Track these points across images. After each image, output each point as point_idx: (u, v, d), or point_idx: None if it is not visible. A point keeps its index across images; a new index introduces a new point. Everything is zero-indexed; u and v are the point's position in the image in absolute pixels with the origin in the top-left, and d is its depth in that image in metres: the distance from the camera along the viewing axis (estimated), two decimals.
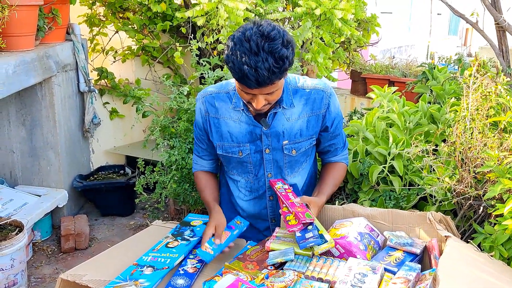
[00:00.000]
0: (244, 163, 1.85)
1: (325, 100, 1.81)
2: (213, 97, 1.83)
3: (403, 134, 2.10)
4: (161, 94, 3.42)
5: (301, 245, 1.52)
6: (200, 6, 3.06)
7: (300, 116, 1.80)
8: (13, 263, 2.81)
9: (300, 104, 1.79)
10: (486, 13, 2.98)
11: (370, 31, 4.64)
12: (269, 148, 1.81)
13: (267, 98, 1.63)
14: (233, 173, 1.92)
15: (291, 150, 1.81)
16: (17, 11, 2.92)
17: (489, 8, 2.88)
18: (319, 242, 1.52)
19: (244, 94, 1.63)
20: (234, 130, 1.81)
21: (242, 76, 1.52)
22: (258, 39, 1.49)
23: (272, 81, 1.54)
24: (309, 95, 1.80)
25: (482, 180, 1.70)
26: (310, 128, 1.82)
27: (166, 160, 2.73)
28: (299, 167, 1.89)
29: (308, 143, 1.84)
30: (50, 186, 3.74)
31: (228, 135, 1.82)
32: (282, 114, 1.78)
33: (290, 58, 1.55)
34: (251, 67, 1.49)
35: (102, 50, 4.48)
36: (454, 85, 2.49)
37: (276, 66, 1.51)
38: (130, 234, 3.76)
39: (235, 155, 1.84)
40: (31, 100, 3.56)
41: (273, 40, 1.50)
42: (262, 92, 1.59)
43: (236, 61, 1.51)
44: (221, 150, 1.85)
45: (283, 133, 1.79)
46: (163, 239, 1.73)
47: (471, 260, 1.43)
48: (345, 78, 5.10)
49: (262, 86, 1.55)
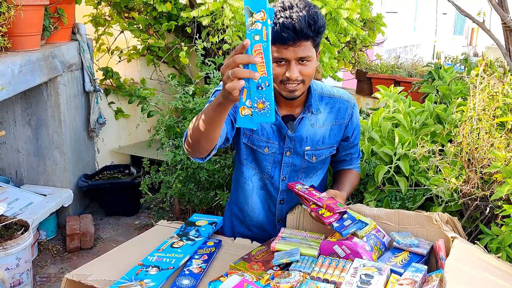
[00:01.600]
0: (264, 161, 1.82)
1: (349, 110, 1.82)
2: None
3: (409, 134, 2.09)
4: (166, 94, 3.43)
5: (343, 233, 1.51)
6: (206, 6, 3.06)
7: (324, 124, 1.80)
8: (19, 262, 2.82)
9: (325, 112, 1.79)
10: (493, 12, 2.96)
11: (376, 31, 4.62)
12: (290, 151, 1.80)
13: (301, 71, 1.60)
14: (251, 165, 1.86)
15: (311, 156, 1.81)
16: (23, 11, 2.93)
17: (496, 7, 2.86)
18: (360, 226, 1.55)
19: (277, 66, 1.60)
20: (266, 125, 1.78)
21: (279, 29, 1.52)
22: (291, 0, 1.56)
23: (308, 34, 1.54)
24: (334, 104, 1.80)
25: (489, 180, 1.69)
26: (332, 137, 1.82)
27: (171, 159, 2.73)
28: (314, 173, 1.88)
29: (328, 151, 1.84)
30: (56, 185, 3.75)
31: (259, 128, 1.78)
32: (307, 120, 1.77)
33: (322, 21, 1.58)
34: (286, 18, 1.51)
35: (107, 50, 4.49)
36: (460, 85, 2.48)
37: (311, 18, 1.53)
38: (135, 233, 3.77)
39: (260, 149, 1.80)
40: (37, 99, 3.58)
41: (304, 2, 1.56)
42: (296, 55, 1.56)
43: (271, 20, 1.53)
44: (247, 139, 1.80)
45: (306, 138, 1.78)
46: (168, 239, 1.73)
47: (478, 261, 1.42)
48: (350, 78, 5.09)
49: (299, 39, 1.53)
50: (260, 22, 1.19)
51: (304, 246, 1.59)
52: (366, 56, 5.04)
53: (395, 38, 9.37)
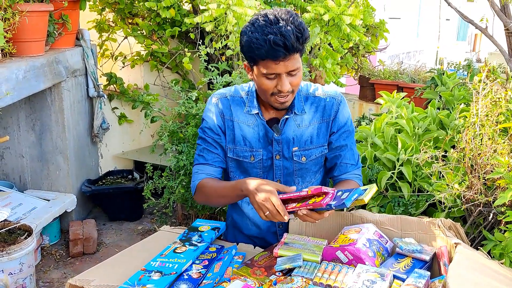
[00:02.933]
0: (254, 169, 1.83)
1: (335, 107, 1.80)
2: (228, 100, 1.81)
3: (412, 140, 2.09)
4: (170, 100, 3.43)
5: (346, 201, 1.41)
6: (209, 12, 3.07)
7: (311, 123, 1.79)
8: (22, 267, 2.83)
9: (311, 111, 1.79)
10: (495, 18, 2.97)
11: (379, 37, 4.64)
12: (279, 154, 1.80)
13: (291, 82, 1.62)
14: (240, 178, 1.86)
15: (300, 157, 1.80)
16: (28, 17, 2.95)
17: (499, 13, 2.87)
18: (361, 192, 1.43)
19: (268, 81, 1.62)
20: (248, 134, 1.79)
21: (270, 46, 1.52)
22: (274, 13, 1.56)
23: (298, 48, 1.56)
24: (320, 102, 1.79)
25: (492, 186, 1.69)
26: (321, 136, 1.81)
27: (174, 165, 2.73)
28: (311, 177, 1.86)
29: (319, 151, 1.82)
30: (59, 190, 3.76)
31: (241, 139, 1.80)
32: (293, 121, 1.77)
33: (307, 32, 1.59)
34: (276, 34, 1.51)
35: (111, 56, 4.51)
36: (463, 91, 2.49)
37: (298, 32, 1.54)
38: (138, 238, 3.77)
39: (246, 159, 1.82)
40: (41, 105, 3.59)
41: (287, 13, 1.57)
42: (287, 69, 1.58)
43: (258, 36, 1.54)
44: (232, 153, 1.83)
45: (293, 139, 1.78)
46: (171, 244, 1.73)
47: (481, 267, 1.41)
48: (353, 83, 5.10)
49: (290, 54, 1.55)
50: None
51: (307, 252, 1.59)
52: (369, 61, 5.05)
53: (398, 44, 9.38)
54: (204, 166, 1.83)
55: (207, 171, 1.82)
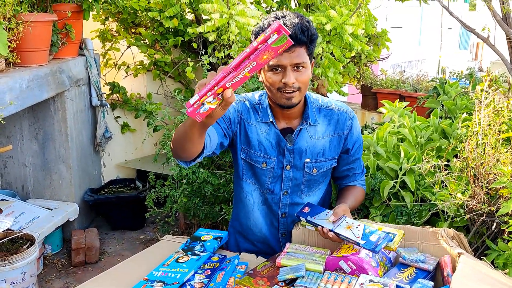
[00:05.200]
0: (263, 176, 1.83)
1: (348, 122, 1.82)
2: (246, 104, 1.81)
3: (414, 149, 2.09)
4: (173, 109, 3.44)
5: (376, 249, 1.48)
6: (212, 22, 3.09)
7: (324, 136, 1.80)
8: (24, 276, 2.82)
9: (324, 123, 1.80)
10: (497, 28, 2.98)
11: (381, 46, 4.64)
12: (290, 165, 1.80)
13: (296, 77, 1.63)
14: (250, 181, 1.87)
15: (312, 168, 1.81)
16: (32, 27, 2.97)
17: (501, 23, 2.88)
18: (389, 238, 1.52)
19: (274, 74, 1.64)
20: (263, 140, 1.80)
21: None
22: (284, 12, 1.63)
23: (302, 40, 1.59)
24: (332, 116, 1.81)
25: (495, 196, 1.69)
26: (332, 149, 1.82)
27: (176, 174, 2.74)
28: (316, 187, 1.88)
29: (329, 163, 1.84)
30: (62, 199, 3.76)
31: (256, 143, 1.80)
32: (306, 132, 1.78)
33: (314, 30, 1.63)
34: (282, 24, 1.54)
35: (114, 65, 4.53)
36: (465, 100, 2.49)
37: (304, 25, 1.59)
38: (140, 248, 3.77)
39: (258, 165, 1.81)
40: (44, 114, 3.60)
41: (296, 13, 1.63)
42: (292, 61, 1.60)
43: (264, 27, 1.59)
44: (245, 155, 1.82)
45: (306, 150, 1.79)
46: (173, 254, 1.73)
47: (485, 277, 1.41)
48: (355, 92, 5.10)
49: (295, 43, 1.56)
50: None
51: (310, 262, 1.59)
52: (371, 70, 5.05)
53: (400, 53, 9.40)
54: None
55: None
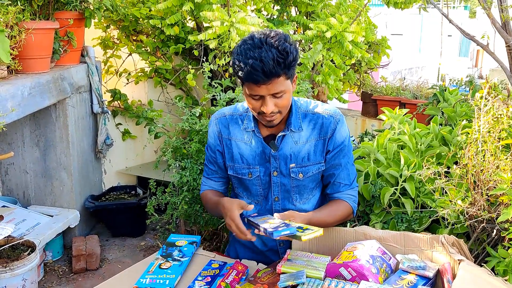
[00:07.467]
0: (254, 186, 1.86)
1: (333, 125, 1.80)
2: (226, 119, 1.86)
3: (414, 156, 2.10)
4: (173, 116, 3.45)
5: (274, 233, 1.53)
6: (213, 30, 3.10)
7: (308, 140, 1.80)
8: (25, 283, 2.82)
9: (308, 128, 1.80)
10: (497, 35, 2.99)
11: (381, 53, 4.67)
12: (277, 171, 1.81)
13: (276, 103, 1.64)
14: (243, 195, 1.92)
15: (298, 173, 1.81)
16: (34, 34, 2.98)
17: (500, 31, 2.89)
18: (294, 230, 1.54)
19: (253, 101, 1.65)
20: (245, 152, 1.83)
21: (249, 71, 1.55)
22: (261, 36, 1.58)
23: (278, 72, 1.57)
24: (318, 120, 1.80)
25: (495, 202, 1.69)
26: (317, 153, 1.82)
27: (177, 181, 2.74)
28: (308, 193, 1.87)
29: (316, 167, 1.83)
30: (62, 206, 3.76)
31: (238, 157, 1.84)
32: (290, 137, 1.79)
33: (294, 54, 1.59)
34: (255, 59, 1.54)
35: (115, 72, 4.55)
36: (465, 107, 2.50)
37: (280, 57, 1.55)
38: (141, 255, 3.76)
39: (245, 176, 1.85)
40: (45, 121, 3.62)
41: (275, 36, 1.58)
42: (269, 92, 1.60)
43: (241, 58, 1.57)
44: (232, 171, 1.88)
45: (290, 156, 1.79)
46: (154, 260, 1.76)
47: (485, 284, 1.41)
48: (355, 99, 5.11)
49: (269, 78, 1.56)
50: None
51: (310, 268, 1.59)
52: (371, 78, 5.07)
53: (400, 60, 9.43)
54: (207, 180, 1.99)
55: (209, 184, 1.99)
